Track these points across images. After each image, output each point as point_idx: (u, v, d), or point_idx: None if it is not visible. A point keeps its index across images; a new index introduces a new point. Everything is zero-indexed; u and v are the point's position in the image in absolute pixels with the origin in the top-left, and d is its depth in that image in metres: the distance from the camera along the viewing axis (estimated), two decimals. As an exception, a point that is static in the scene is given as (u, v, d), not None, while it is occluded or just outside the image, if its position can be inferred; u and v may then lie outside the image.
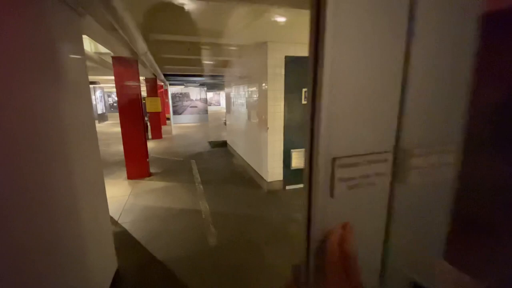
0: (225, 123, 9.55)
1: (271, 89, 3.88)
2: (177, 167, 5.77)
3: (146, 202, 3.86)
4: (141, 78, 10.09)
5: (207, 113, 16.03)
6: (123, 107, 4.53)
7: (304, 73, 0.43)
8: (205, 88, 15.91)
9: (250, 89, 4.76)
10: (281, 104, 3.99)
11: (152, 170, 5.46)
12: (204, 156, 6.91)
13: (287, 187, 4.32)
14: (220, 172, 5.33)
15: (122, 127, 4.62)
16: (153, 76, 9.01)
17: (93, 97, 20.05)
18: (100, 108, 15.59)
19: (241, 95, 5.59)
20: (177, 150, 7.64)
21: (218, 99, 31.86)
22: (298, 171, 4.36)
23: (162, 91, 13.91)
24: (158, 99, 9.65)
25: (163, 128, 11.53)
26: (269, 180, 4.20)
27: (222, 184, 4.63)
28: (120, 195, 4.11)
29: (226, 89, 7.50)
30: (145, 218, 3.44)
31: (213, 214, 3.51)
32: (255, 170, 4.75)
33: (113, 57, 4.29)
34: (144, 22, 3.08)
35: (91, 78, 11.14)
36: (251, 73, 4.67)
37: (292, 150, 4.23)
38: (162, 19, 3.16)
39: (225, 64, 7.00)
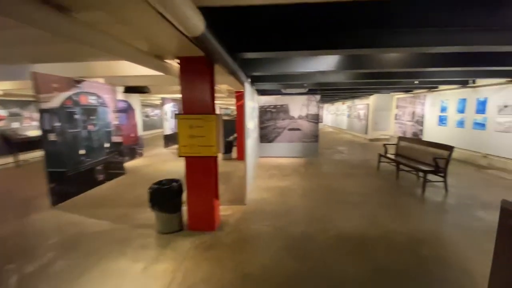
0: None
1: None
2: None
3: None
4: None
5: (317, 140, 8.88)
6: None
7: None
8: (317, 98, 8.88)
9: None
10: None
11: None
12: None
13: None
14: None
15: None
16: (197, 54, 2.70)
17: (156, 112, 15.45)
18: (169, 127, 11.03)
19: None
20: None
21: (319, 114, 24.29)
22: None
23: (241, 103, 7.81)
24: (212, 124, 3.26)
25: (235, 167, 5.18)
26: None
27: None
28: None
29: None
30: None
31: None
32: None
33: None
34: None
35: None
36: None
37: None
38: None
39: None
